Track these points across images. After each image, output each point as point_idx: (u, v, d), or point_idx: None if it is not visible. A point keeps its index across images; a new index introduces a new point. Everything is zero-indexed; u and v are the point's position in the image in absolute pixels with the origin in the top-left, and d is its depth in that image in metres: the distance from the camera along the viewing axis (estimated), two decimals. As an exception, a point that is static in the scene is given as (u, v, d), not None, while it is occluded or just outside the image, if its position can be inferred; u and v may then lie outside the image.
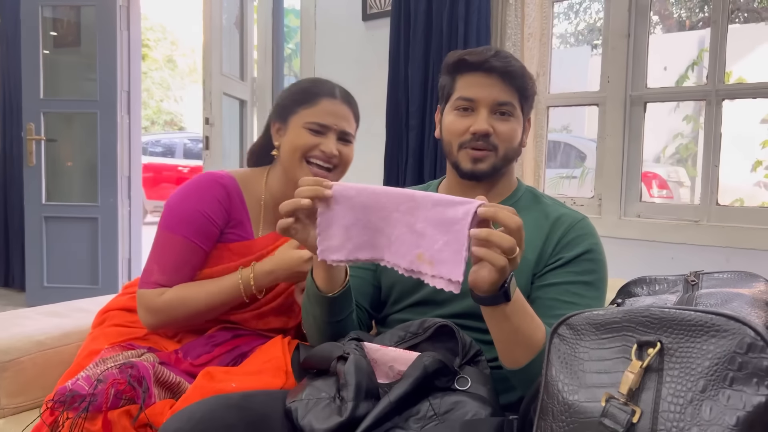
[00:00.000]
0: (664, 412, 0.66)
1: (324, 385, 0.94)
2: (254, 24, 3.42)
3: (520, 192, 1.22)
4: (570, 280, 1.09)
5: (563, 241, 1.12)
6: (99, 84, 3.66)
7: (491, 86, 1.12)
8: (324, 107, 1.27)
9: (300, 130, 1.27)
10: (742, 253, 1.92)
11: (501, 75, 1.12)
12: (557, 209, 1.18)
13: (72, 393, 1.04)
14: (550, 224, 1.14)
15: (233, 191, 1.29)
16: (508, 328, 0.92)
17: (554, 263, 1.11)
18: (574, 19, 8.54)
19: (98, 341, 1.25)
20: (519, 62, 1.16)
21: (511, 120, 1.14)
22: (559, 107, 2.46)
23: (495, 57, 1.12)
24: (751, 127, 5.38)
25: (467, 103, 1.14)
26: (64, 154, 3.94)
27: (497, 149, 1.14)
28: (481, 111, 1.13)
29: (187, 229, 1.24)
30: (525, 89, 1.15)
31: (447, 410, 0.89)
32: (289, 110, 1.30)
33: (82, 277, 3.73)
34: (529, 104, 1.19)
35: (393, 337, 1.01)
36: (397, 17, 2.45)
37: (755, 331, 0.65)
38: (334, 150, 1.27)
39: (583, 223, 1.15)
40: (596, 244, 1.14)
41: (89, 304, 1.56)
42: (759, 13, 6.58)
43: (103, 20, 3.65)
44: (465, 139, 1.14)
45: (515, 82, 1.13)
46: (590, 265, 1.11)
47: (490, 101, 1.12)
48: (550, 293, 1.08)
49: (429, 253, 0.85)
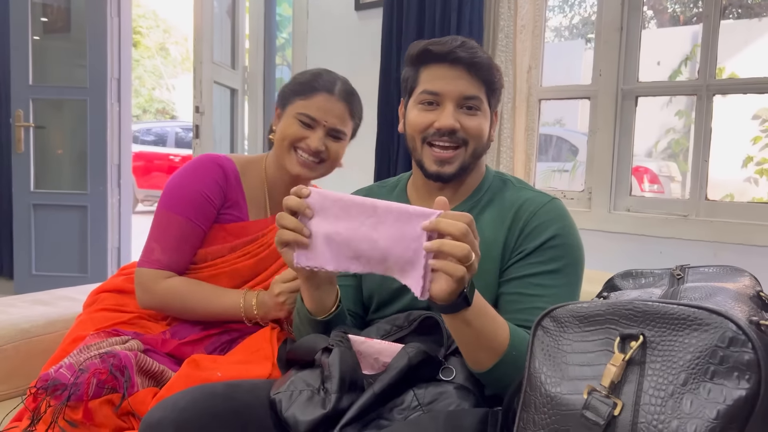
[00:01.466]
0: (646, 404, 0.66)
1: (308, 377, 0.94)
2: (246, 12, 3.40)
3: (487, 183, 1.16)
4: (533, 271, 1.04)
5: (525, 230, 1.06)
6: (89, 71, 3.62)
7: (457, 79, 1.06)
8: (318, 102, 1.28)
9: (292, 120, 1.28)
10: (730, 248, 1.93)
11: (467, 67, 1.06)
12: (522, 194, 1.12)
13: (54, 381, 1.04)
14: (513, 214, 1.09)
15: (230, 173, 1.31)
16: (471, 333, 0.89)
17: (518, 255, 1.06)
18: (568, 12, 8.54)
19: (84, 326, 1.26)
20: (486, 53, 1.10)
21: (478, 114, 1.08)
22: (552, 100, 2.46)
23: (461, 47, 1.06)
24: (742, 122, 5.40)
25: (432, 96, 1.08)
26: (53, 141, 3.90)
27: (467, 145, 1.08)
28: (446, 105, 1.07)
29: (186, 209, 1.27)
30: (492, 82, 1.09)
31: (431, 400, 0.89)
32: (287, 98, 1.31)
33: (70, 266, 3.70)
34: (496, 98, 1.13)
35: (379, 330, 1.01)
36: (390, 7, 2.44)
37: (737, 325, 0.65)
38: (320, 146, 1.28)
39: (549, 207, 1.08)
40: (563, 227, 1.07)
41: (75, 293, 1.55)
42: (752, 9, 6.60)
43: (93, 6, 3.61)
44: (429, 134, 1.08)
45: (482, 75, 1.07)
46: (555, 251, 1.04)
47: (456, 95, 1.06)
48: (513, 287, 1.04)
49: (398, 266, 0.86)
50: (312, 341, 1.00)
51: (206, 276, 1.30)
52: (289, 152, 1.29)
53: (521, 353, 0.90)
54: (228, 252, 1.30)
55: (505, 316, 0.99)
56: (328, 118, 1.28)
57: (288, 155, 1.29)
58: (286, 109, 1.31)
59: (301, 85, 1.30)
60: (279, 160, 1.32)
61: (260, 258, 1.31)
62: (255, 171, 1.36)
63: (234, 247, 1.30)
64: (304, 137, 1.27)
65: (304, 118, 1.27)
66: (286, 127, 1.29)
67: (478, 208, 1.12)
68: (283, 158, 1.30)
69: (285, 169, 1.31)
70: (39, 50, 3.73)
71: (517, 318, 0.99)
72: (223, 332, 1.28)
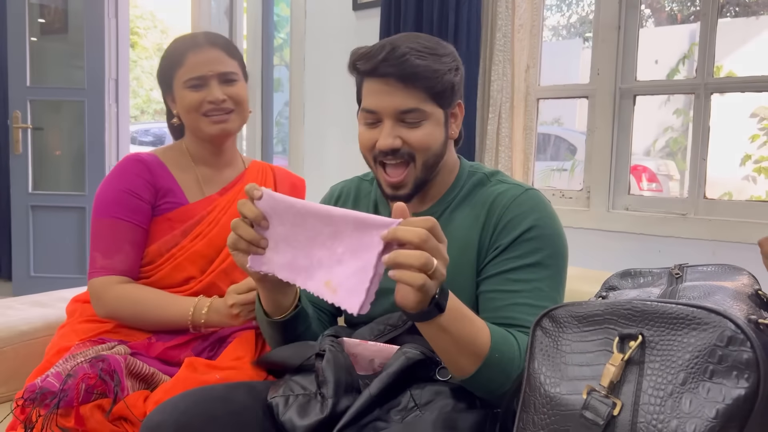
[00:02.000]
0: (645, 404, 0.66)
1: (305, 382, 0.94)
2: (244, 13, 3.39)
3: (461, 182, 1.10)
4: (510, 266, 0.99)
5: (500, 225, 1.02)
6: (87, 72, 3.62)
7: (390, 94, 0.99)
8: (193, 60, 1.29)
9: (183, 92, 1.30)
10: (729, 246, 1.93)
11: (399, 79, 0.98)
12: (495, 188, 1.06)
13: (42, 390, 1.02)
14: (486, 210, 1.04)
15: (153, 164, 1.32)
16: (448, 339, 0.85)
17: (494, 252, 1.01)
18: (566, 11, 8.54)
19: (68, 337, 1.24)
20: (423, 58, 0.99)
21: (422, 125, 1.01)
22: (550, 99, 2.46)
23: (386, 61, 0.97)
24: (740, 120, 5.40)
25: (371, 115, 1.02)
26: (51, 142, 3.90)
27: (414, 159, 1.01)
28: (385, 122, 1.01)
29: (113, 210, 1.27)
30: (432, 87, 0.99)
31: (428, 401, 0.89)
32: (168, 79, 1.33)
33: (69, 267, 3.70)
34: (447, 96, 1.03)
35: (373, 330, 1.01)
36: (388, 7, 2.44)
37: (736, 324, 0.65)
38: (219, 95, 1.29)
39: (522, 198, 1.03)
40: (540, 218, 1.01)
41: (73, 295, 1.54)
42: (750, 7, 6.60)
43: (90, 7, 3.60)
44: (376, 153, 1.03)
45: (419, 84, 0.98)
46: (533, 244, 0.99)
47: (392, 111, 0.99)
48: (491, 285, 1.00)
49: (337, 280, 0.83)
50: (291, 351, 1.00)
51: (169, 270, 1.28)
52: (200, 121, 1.30)
53: (505, 354, 0.87)
54: (181, 238, 1.29)
55: (485, 314, 0.96)
56: (211, 67, 1.29)
57: (201, 123, 1.30)
58: (173, 89, 1.32)
59: (170, 58, 1.32)
60: (195, 133, 1.33)
61: (211, 236, 1.30)
62: (178, 156, 1.37)
63: (185, 231, 1.30)
64: (203, 98, 1.28)
65: (193, 82, 1.28)
66: (182, 101, 1.30)
67: (450, 209, 1.08)
68: (199, 129, 1.31)
69: (206, 142, 1.34)
70: (36, 51, 3.72)
71: (498, 316, 0.96)
72: (210, 333, 1.26)
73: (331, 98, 2.86)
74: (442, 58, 1.01)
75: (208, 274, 1.31)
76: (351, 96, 1.36)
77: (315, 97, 2.94)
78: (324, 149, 2.93)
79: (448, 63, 1.02)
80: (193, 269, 1.30)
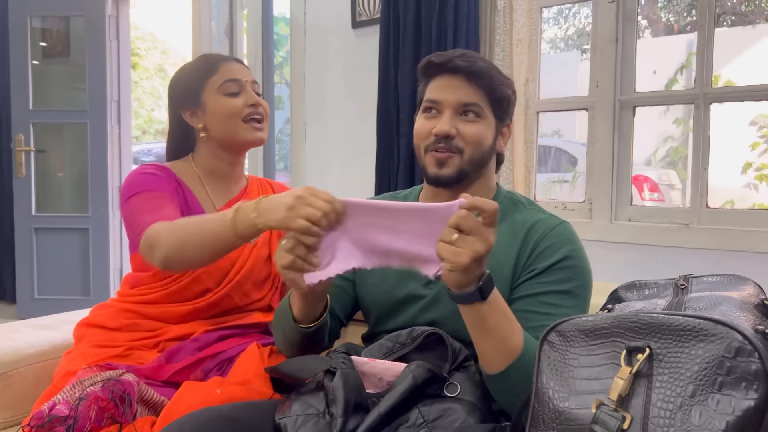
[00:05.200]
0: (654, 417, 0.66)
1: (313, 401, 0.93)
2: (244, 32, 3.42)
3: (499, 200, 1.16)
4: (544, 290, 1.04)
5: (537, 250, 1.07)
6: (89, 94, 3.65)
7: (456, 87, 1.09)
8: (226, 68, 1.32)
9: (219, 98, 1.31)
10: (733, 256, 1.92)
11: (466, 75, 1.08)
12: (534, 215, 1.13)
13: (51, 417, 1.02)
14: (524, 233, 1.10)
15: (173, 176, 1.33)
16: (485, 329, 0.91)
17: (528, 274, 1.07)
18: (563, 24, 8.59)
19: (75, 362, 1.23)
20: (488, 63, 1.12)
21: (478, 122, 1.09)
22: (550, 112, 2.46)
23: (460, 57, 1.09)
24: (740, 129, 5.42)
25: (432, 104, 1.11)
26: (54, 164, 3.92)
27: (462, 152, 1.09)
28: (445, 112, 1.09)
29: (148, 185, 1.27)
30: (493, 90, 1.10)
31: (436, 417, 0.88)
32: (196, 89, 1.33)
33: (73, 289, 3.70)
34: (503, 107, 1.14)
35: (382, 348, 1.01)
36: (387, 24, 2.46)
37: (743, 335, 0.65)
38: (257, 99, 1.32)
39: (560, 229, 1.10)
40: (574, 250, 1.08)
41: (79, 317, 1.54)
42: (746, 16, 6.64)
43: (92, 30, 3.64)
44: (429, 142, 1.10)
45: (482, 82, 1.09)
46: (566, 273, 1.06)
47: (454, 102, 1.09)
48: (523, 305, 1.04)
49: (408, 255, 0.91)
50: (302, 364, 1.01)
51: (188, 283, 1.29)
52: (239, 126, 1.31)
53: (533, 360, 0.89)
54: None
55: None
56: (245, 76, 1.33)
57: (240, 128, 1.31)
58: (201, 99, 1.32)
59: (200, 69, 1.34)
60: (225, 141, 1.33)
61: None
62: (188, 172, 1.37)
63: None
64: (245, 102, 1.30)
65: (230, 86, 1.30)
66: (220, 108, 1.30)
67: None
68: (235, 136, 1.32)
69: (227, 153, 1.35)
70: (39, 75, 3.76)
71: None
72: (218, 353, 1.25)
73: (332, 115, 2.87)
74: (502, 75, 1.14)
75: (223, 286, 1.32)
76: (351, 112, 1.38)
77: (316, 114, 2.95)
78: (326, 165, 2.94)
79: (509, 81, 1.15)
80: (210, 282, 1.31)
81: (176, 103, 1.37)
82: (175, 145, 1.43)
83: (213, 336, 1.28)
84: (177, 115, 1.38)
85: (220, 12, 3.41)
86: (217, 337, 1.28)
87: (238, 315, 1.35)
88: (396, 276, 1.13)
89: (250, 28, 3.34)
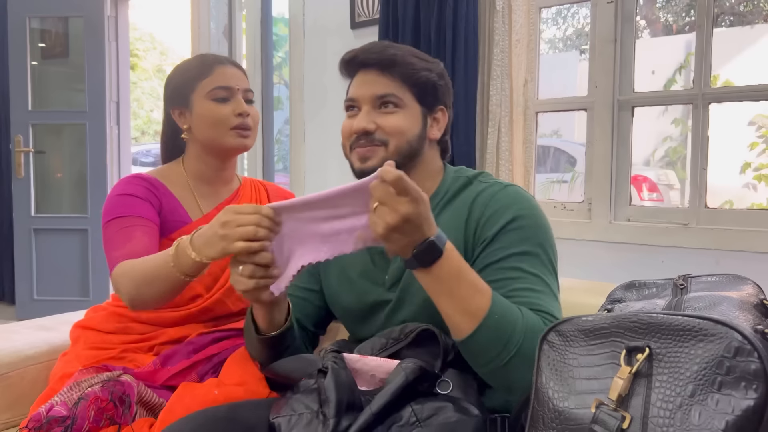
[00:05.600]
0: (654, 417, 0.66)
1: (307, 400, 0.93)
2: (243, 33, 3.43)
3: (445, 187, 1.11)
4: (500, 256, 1.00)
5: (482, 220, 1.03)
6: (87, 95, 3.65)
7: (371, 82, 1.06)
8: (220, 72, 1.30)
9: (206, 103, 1.28)
10: (732, 255, 1.93)
11: (378, 67, 1.06)
12: (478, 187, 1.08)
13: (49, 418, 1.01)
14: (469, 206, 1.06)
15: (155, 183, 1.31)
16: (441, 293, 0.90)
17: (481, 245, 1.02)
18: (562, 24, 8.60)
19: (71, 364, 1.22)
20: (404, 50, 1.07)
21: (397, 112, 1.06)
22: (549, 113, 2.47)
23: (367, 50, 1.06)
24: (738, 128, 5.42)
25: (351, 102, 1.09)
26: (53, 165, 3.92)
27: (387, 144, 1.05)
28: (363, 108, 1.07)
29: (118, 210, 1.24)
30: (411, 76, 1.05)
31: (429, 415, 0.88)
32: (187, 89, 1.30)
33: (72, 290, 3.70)
34: (428, 92, 1.08)
35: (375, 345, 1.01)
36: (385, 25, 2.46)
37: (742, 335, 0.65)
38: (246, 108, 1.29)
39: (503, 193, 1.05)
40: (522, 209, 1.03)
41: (77, 318, 1.54)
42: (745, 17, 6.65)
43: (91, 31, 3.64)
44: (352, 140, 1.08)
45: (397, 70, 1.05)
46: (517, 234, 1.01)
47: (369, 96, 1.06)
48: (486, 276, 0.97)
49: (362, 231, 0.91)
50: (296, 364, 1.01)
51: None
52: (226, 134, 1.28)
53: (505, 318, 0.89)
54: None
55: None
56: (237, 82, 1.30)
57: (226, 136, 1.29)
58: (191, 100, 1.30)
59: (195, 69, 1.31)
60: (210, 147, 1.31)
61: None
62: (176, 176, 1.35)
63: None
64: (230, 111, 1.28)
65: (220, 92, 1.28)
66: (206, 113, 1.28)
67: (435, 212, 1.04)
68: (219, 142, 1.29)
69: (214, 158, 1.33)
70: (38, 75, 3.75)
71: None
72: (213, 356, 1.25)
73: (331, 115, 2.88)
74: (422, 59, 1.08)
75: (215, 292, 1.31)
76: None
77: (315, 115, 2.96)
78: (325, 166, 2.94)
79: (429, 65, 1.08)
80: (199, 287, 1.30)
81: (167, 100, 1.36)
82: (166, 145, 1.42)
83: (207, 338, 1.27)
84: (168, 113, 1.37)
85: (219, 12, 3.41)
86: (211, 339, 1.27)
87: (233, 319, 1.34)
88: (360, 285, 1.13)
89: (249, 28, 3.34)
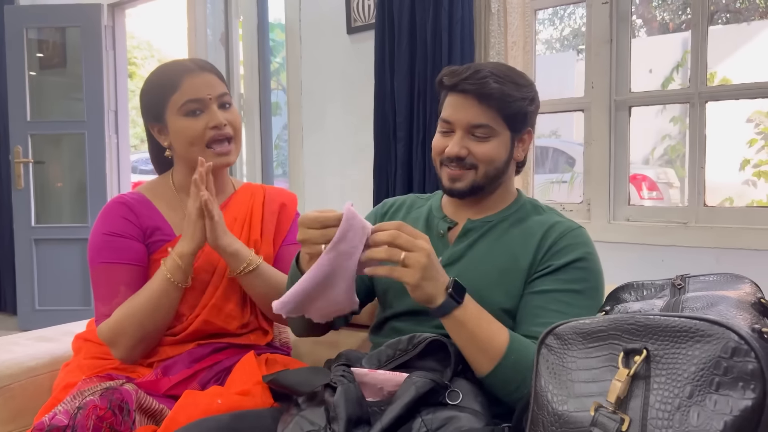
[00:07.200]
0: (653, 419, 0.66)
1: (313, 416, 0.93)
2: (240, 40, 3.43)
3: (519, 204, 1.20)
4: (558, 288, 1.07)
5: (554, 248, 1.10)
6: (86, 104, 3.66)
7: (467, 108, 1.11)
8: (189, 84, 1.23)
9: (181, 121, 1.23)
10: (731, 254, 1.93)
11: (476, 96, 1.10)
12: (553, 218, 1.17)
13: (51, 426, 1.02)
14: (543, 231, 1.13)
15: (136, 204, 1.27)
16: (465, 335, 0.97)
17: (543, 270, 1.09)
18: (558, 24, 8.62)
19: (74, 374, 1.23)
20: (502, 79, 1.10)
21: (489, 141, 1.12)
22: (546, 113, 2.47)
23: (468, 79, 1.09)
24: (736, 126, 5.42)
25: (446, 125, 1.14)
26: (52, 175, 3.92)
27: (477, 168, 1.13)
28: (457, 133, 1.12)
29: (102, 255, 1.23)
30: (505, 108, 1.10)
31: (439, 426, 0.88)
32: (158, 107, 1.26)
33: (73, 299, 3.70)
34: (518, 120, 1.14)
35: (381, 356, 1.01)
36: (382, 30, 2.46)
37: (739, 335, 0.65)
38: (222, 119, 1.24)
39: (577, 233, 1.13)
40: (589, 253, 1.12)
41: (79, 328, 1.55)
42: (740, 14, 6.66)
43: (88, 41, 3.65)
44: (444, 158, 1.15)
45: (492, 104, 1.10)
46: (580, 273, 1.09)
47: (464, 124, 1.11)
48: (536, 301, 1.07)
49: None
50: (301, 377, 1.01)
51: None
52: (204, 152, 1.24)
53: (522, 357, 0.96)
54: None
55: (523, 327, 1.05)
56: (209, 90, 1.24)
57: (205, 154, 1.23)
58: (164, 118, 1.25)
59: (162, 85, 1.25)
60: (191, 164, 1.25)
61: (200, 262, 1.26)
62: (164, 190, 1.32)
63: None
64: (206, 125, 1.23)
65: (191, 105, 1.22)
66: (181, 130, 1.23)
67: (507, 222, 1.17)
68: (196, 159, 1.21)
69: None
70: (36, 86, 3.76)
71: (534, 330, 1.01)
72: (214, 364, 1.25)
73: (329, 120, 2.88)
74: (519, 87, 1.12)
75: (200, 309, 1.27)
76: (348, 117, 1.37)
77: (313, 120, 2.96)
78: (324, 170, 2.95)
79: (524, 92, 1.13)
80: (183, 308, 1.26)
81: (144, 117, 1.31)
82: (155, 159, 1.38)
83: (207, 349, 1.27)
84: (148, 130, 1.33)
85: (215, 19, 3.42)
86: (211, 349, 1.27)
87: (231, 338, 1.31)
88: None
89: (245, 35, 3.35)
